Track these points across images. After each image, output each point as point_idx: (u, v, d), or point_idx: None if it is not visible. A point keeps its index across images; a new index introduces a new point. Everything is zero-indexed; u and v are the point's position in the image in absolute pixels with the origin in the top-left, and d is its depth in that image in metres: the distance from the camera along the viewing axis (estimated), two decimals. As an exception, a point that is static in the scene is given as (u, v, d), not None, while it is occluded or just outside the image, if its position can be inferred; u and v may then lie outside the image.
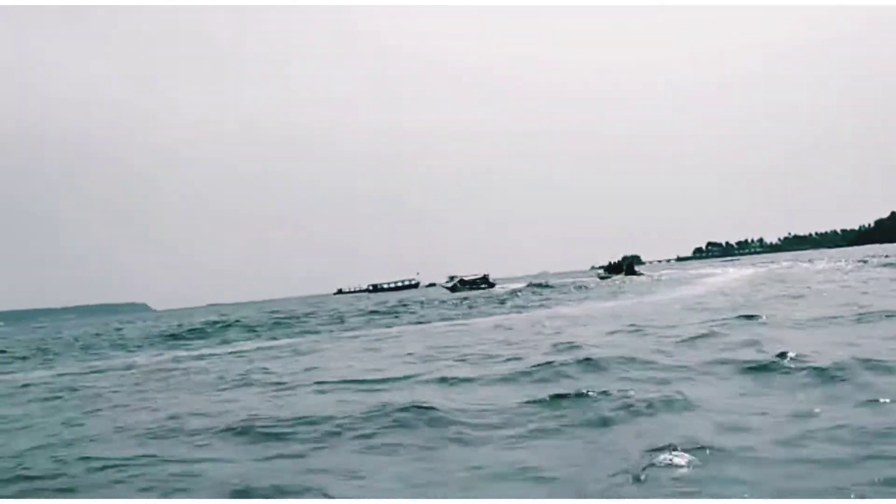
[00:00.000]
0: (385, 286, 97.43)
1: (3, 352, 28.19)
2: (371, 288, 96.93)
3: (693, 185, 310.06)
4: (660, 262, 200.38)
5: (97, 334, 38.60)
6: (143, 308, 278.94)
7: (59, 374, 16.31)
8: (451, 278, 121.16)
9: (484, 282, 78.80)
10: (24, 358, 23.88)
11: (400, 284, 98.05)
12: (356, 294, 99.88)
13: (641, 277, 55.69)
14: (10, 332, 79.33)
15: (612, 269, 71.86)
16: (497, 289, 67.81)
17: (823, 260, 57.91)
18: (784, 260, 72.66)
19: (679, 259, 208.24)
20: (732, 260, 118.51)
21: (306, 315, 37.61)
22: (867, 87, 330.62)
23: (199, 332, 28.98)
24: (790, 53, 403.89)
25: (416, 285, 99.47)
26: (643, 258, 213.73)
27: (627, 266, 67.78)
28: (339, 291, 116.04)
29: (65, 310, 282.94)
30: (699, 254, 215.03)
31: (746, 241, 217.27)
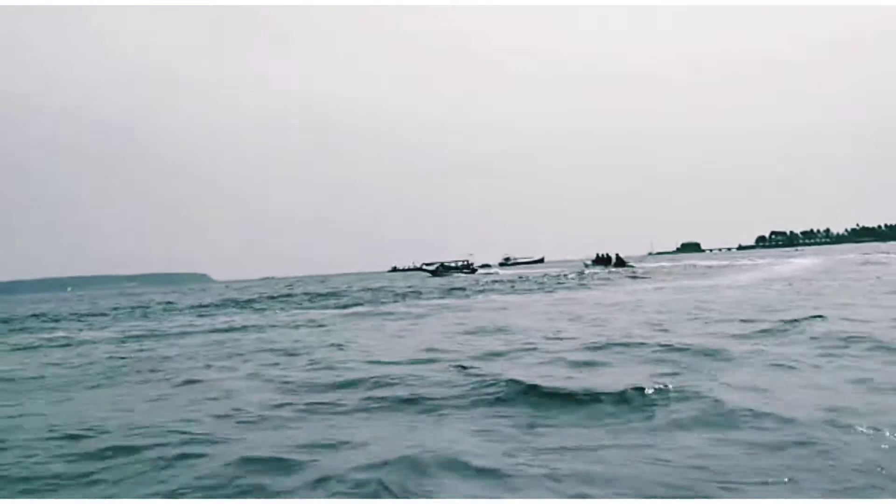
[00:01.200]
0: (447, 265, 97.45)
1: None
2: (423, 266, 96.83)
3: (760, 173, 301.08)
4: (720, 250, 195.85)
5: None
6: (204, 278, 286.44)
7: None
8: (507, 259, 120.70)
9: (466, 267, 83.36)
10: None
11: (454, 265, 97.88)
12: (410, 272, 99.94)
13: (626, 270, 56.49)
14: (95, 295, 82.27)
15: (600, 261, 73.31)
16: (476, 275, 72.30)
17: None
18: (849, 252, 68.76)
19: (741, 248, 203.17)
20: (792, 251, 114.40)
21: (408, 288, 40.26)
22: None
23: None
24: (864, 46, 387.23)
25: (470, 265, 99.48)
26: (703, 245, 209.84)
27: (617, 259, 68.35)
28: (394, 269, 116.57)
29: (128, 277, 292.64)
30: (762, 243, 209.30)
31: (812, 231, 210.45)
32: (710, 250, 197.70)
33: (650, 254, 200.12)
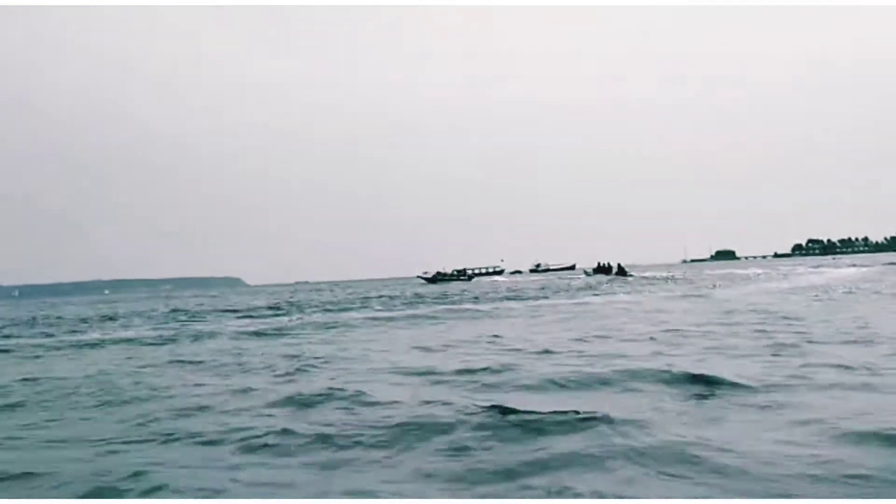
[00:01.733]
0: (470, 272, 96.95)
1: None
2: (455, 273, 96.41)
3: (796, 179, 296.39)
4: (755, 257, 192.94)
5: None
6: (238, 282, 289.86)
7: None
8: (537, 265, 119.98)
9: (462, 274, 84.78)
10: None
11: (484, 270, 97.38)
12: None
13: (628, 279, 57.44)
14: (130, 296, 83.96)
15: (601, 270, 75.49)
16: (472, 282, 73.03)
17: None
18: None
19: (777, 255, 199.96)
20: (825, 259, 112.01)
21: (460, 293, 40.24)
22: None
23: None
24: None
25: (501, 272, 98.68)
26: (738, 253, 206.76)
27: (619, 268, 69.71)
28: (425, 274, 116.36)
29: (163, 280, 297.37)
30: (799, 251, 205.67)
31: (850, 239, 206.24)
32: (746, 258, 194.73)
33: (684, 261, 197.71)
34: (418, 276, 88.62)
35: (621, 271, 71.05)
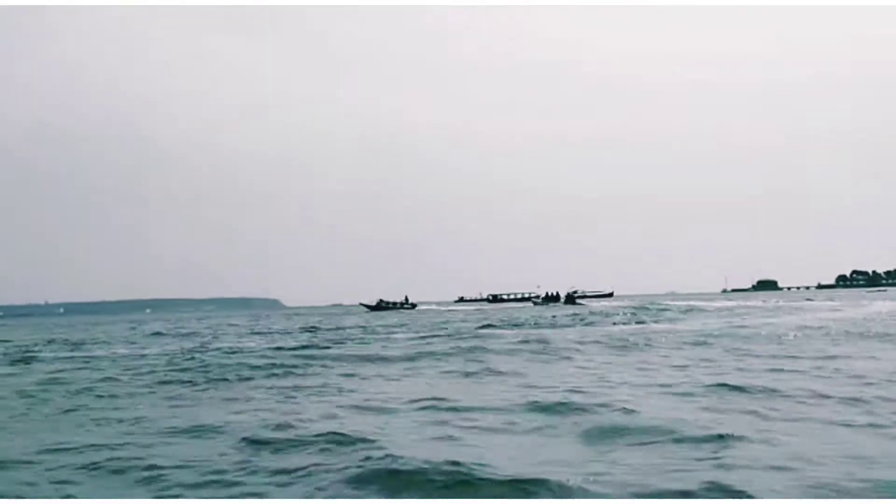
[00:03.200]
0: (504, 297, 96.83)
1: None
2: (490, 298, 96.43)
3: (840, 208, 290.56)
4: (798, 288, 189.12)
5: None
6: (276, 304, 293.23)
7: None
8: (574, 291, 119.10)
9: (406, 303, 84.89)
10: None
11: (519, 296, 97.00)
12: (476, 303, 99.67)
13: (578, 307, 57.99)
14: (178, 317, 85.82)
15: (550, 298, 78.52)
16: (414, 311, 73.42)
17: None
18: None
19: (820, 287, 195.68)
20: (870, 291, 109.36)
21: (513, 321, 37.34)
22: None
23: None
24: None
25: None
26: (780, 283, 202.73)
27: (567, 297, 72.19)
28: (461, 299, 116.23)
29: (205, 301, 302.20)
30: (843, 282, 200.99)
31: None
32: (788, 288, 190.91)
33: (724, 291, 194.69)
34: (361, 304, 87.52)
35: (570, 299, 73.97)
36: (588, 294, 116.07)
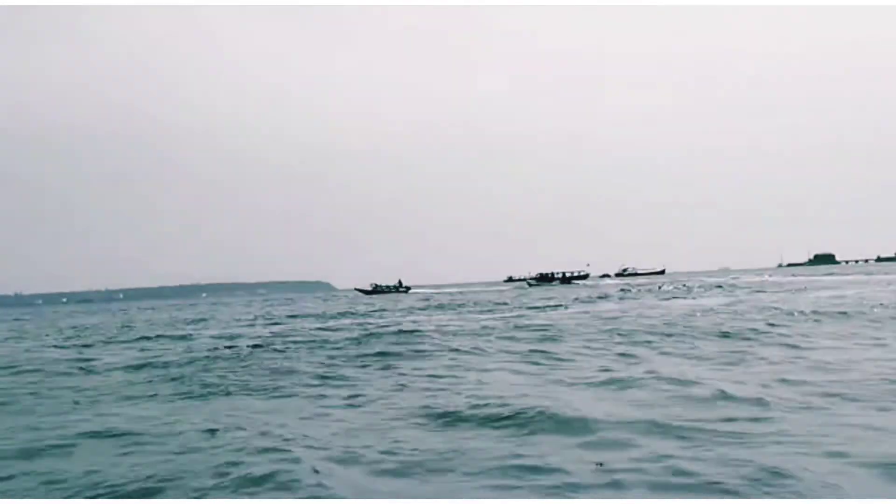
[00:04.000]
0: (553, 276, 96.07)
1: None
2: (538, 277, 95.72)
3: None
4: (857, 262, 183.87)
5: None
6: (328, 287, 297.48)
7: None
8: (624, 270, 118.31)
9: (401, 286, 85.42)
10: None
11: (570, 275, 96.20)
12: (517, 283, 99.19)
13: (574, 287, 58.87)
14: (231, 301, 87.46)
15: (543, 278, 77.78)
16: (408, 294, 73.68)
17: None
18: None
19: (879, 259, 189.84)
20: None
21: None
22: None
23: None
24: None
25: (586, 276, 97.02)
26: (838, 257, 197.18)
27: (563, 277, 72.67)
28: (510, 279, 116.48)
29: (258, 284, 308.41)
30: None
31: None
32: (846, 262, 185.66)
33: (780, 266, 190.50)
34: (355, 289, 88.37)
35: (565, 279, 74.81)
36: (639, 272, 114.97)
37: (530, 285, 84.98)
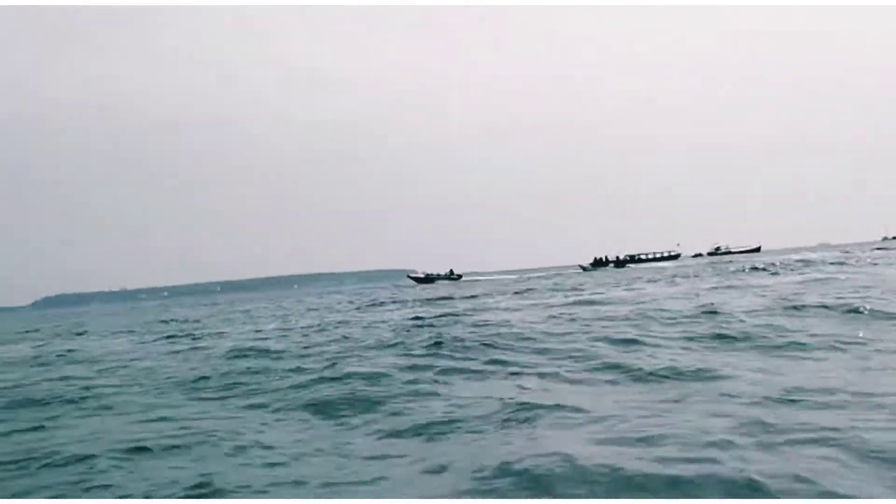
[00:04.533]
0: (642, 257, 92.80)
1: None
2: (626, 259, 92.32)
3: None
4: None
5: None
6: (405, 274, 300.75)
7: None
8: (717, 248, 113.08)
9: (452, 275, 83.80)
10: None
11: (658, 255, 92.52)
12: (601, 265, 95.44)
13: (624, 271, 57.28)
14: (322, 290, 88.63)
15: (598, 263, 74.44)
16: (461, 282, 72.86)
17: None
18: None
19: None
20: None
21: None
22: None
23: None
24: None
25: (677, 257, 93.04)
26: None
27: (617, 261, 72.97)
28: (596, 261, 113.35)
29: (346, 274, 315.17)
30: None
31: None
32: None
33: (885, 238, 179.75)
34: (408, 276, 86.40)
35: (620, 263, 74.81)
36: (733, 250, 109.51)
37: (585, 269, 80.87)
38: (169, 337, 20.58)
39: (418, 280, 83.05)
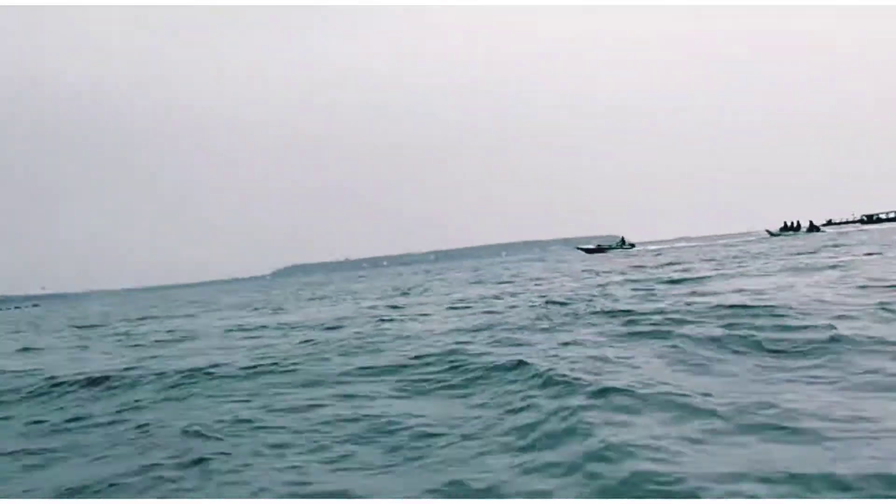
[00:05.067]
0: (881, 217, 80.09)
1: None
2: (864, 219, 79.85)
3: None
4: None
5: None
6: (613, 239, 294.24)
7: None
8: (868, 216, 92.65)
9: (624, 244, 79.72)
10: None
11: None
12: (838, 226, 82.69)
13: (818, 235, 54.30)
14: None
15: (788, 228, 70.59)
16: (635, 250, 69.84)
17: None
18: None
19: None
20: None
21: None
22: None
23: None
24: None
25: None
26: None
27: (810, 225, 68.55)
28: (829, 223, 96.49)
29: (549, 241, 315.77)
30: None
31: None
32: None
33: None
34: (577, 248, 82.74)
35: (813, 228, 68.96)
36: (882, 217, 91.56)
37: (773, 235, 70.20)
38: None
39: (588, 251, 79.12)
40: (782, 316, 8.86)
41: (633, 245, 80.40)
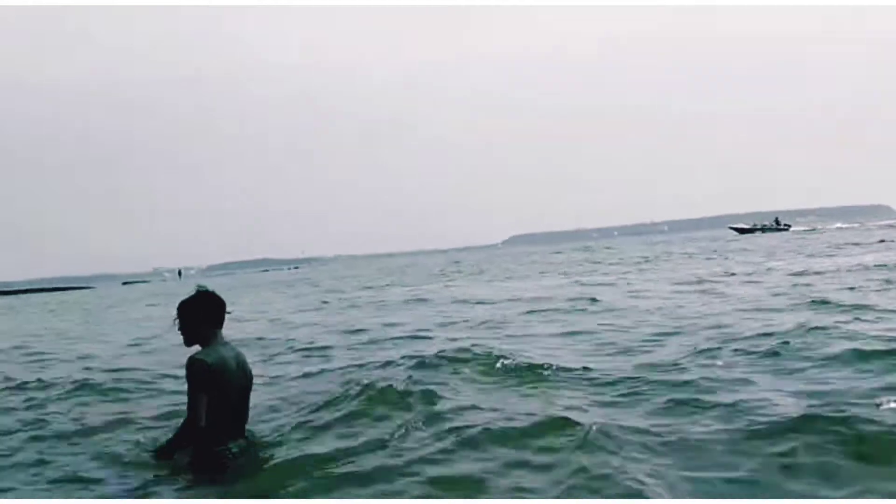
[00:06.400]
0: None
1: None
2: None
3: None
4: None
5: None
6: (886, 211, 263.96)
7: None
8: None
9: (779, 225, 75.27)
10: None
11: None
12: None
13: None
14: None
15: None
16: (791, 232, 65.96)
17: None
18: None
19: None
20: None
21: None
22: None
23: None
24: None
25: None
26: None
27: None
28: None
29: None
30: None
31: None
32: None
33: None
34: (730, 227, 79.12)
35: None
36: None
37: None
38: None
39: (741, 231, 75.60)
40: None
41: (788, 226, 76.99)
